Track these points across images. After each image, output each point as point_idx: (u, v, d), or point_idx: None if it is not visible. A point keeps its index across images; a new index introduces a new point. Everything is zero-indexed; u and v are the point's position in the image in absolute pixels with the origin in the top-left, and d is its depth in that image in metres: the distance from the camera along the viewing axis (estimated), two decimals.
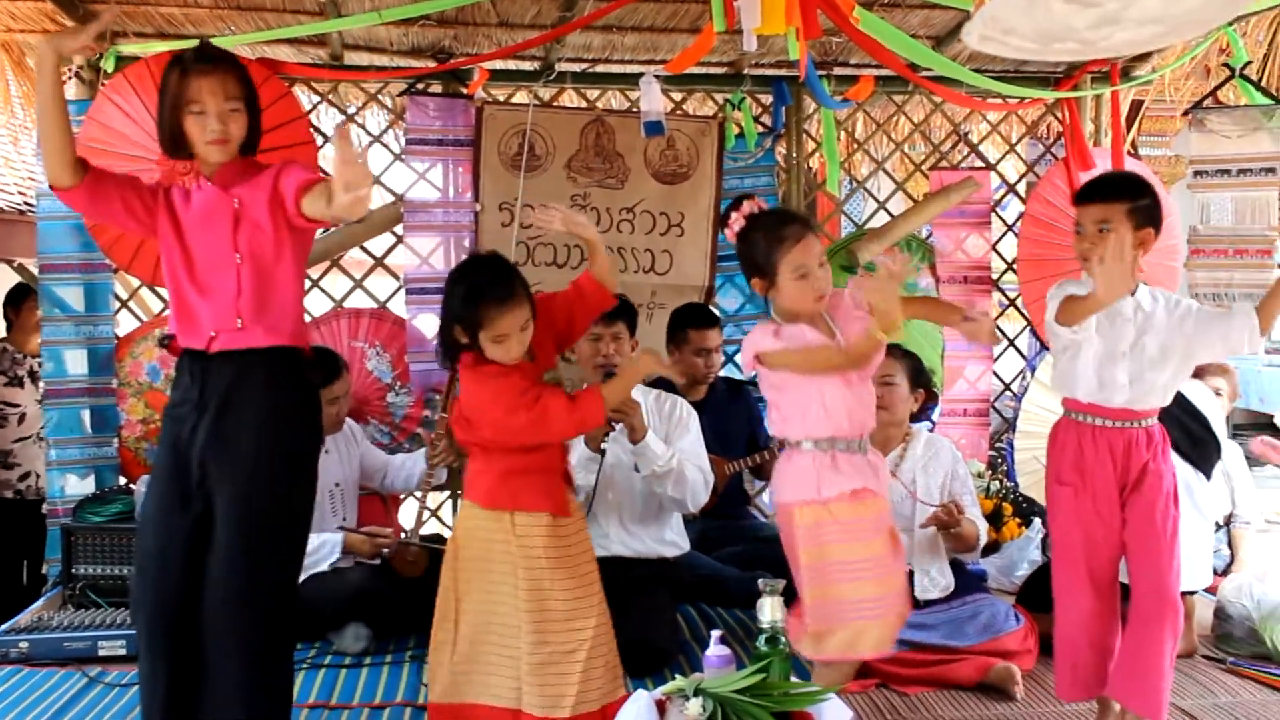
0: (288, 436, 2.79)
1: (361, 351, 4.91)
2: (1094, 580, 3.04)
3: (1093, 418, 3.02)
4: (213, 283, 2.73)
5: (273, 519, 2.75)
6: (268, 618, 2.75)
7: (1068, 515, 3.07)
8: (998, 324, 5.65)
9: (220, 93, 2.67)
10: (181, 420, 2.74)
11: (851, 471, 2.90)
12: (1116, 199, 2.94)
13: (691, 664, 3.67)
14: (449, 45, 5.02)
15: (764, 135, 5.37)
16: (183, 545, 2.72)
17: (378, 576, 4.05)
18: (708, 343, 4.61)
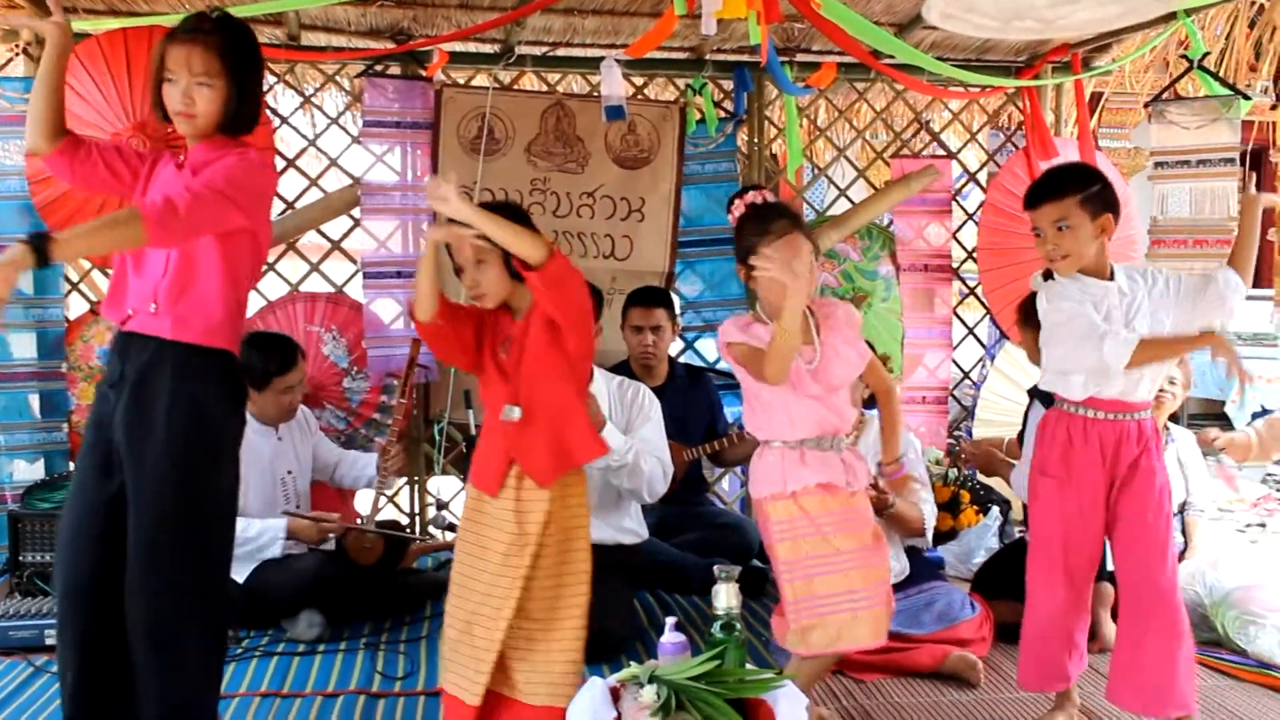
0: (197, 431, 2.66)
1: (318, 336, 4.85)
2: (1069, 575, 3.02)
3: (1085, 409, 2.98)
4: (147, 261, 2.67)
5: (178, 509, 2.63)
6: (174, 608, 2.64)
7: (1049, 508, 3.04)
8: (957, 313, 5.67)
9: (188, 66, 2.58)
10: (105, 397, 2.67)
11: (819, 466, 2.89)
12: (1066, 194, 2.93)
13: (649, 651, 3.65)
14: (408, 26, 4.96)
15: (725, 121, 5.34)
16: (99, 525, 2.65)
17: (332, 563, 4.01)
18: (645, 320, 4.58)
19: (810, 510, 2.88)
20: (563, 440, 2.87)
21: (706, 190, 5.34)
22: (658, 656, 2.57)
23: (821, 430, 2.91)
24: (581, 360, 2.93)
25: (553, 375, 2.86)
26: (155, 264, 2.65)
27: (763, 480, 2.94)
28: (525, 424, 2.85)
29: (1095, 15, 2.55)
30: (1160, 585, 2.93)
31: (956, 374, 5.73)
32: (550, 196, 5.02)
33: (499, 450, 2.88)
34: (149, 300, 2.63)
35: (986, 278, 5.49)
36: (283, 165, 5.06)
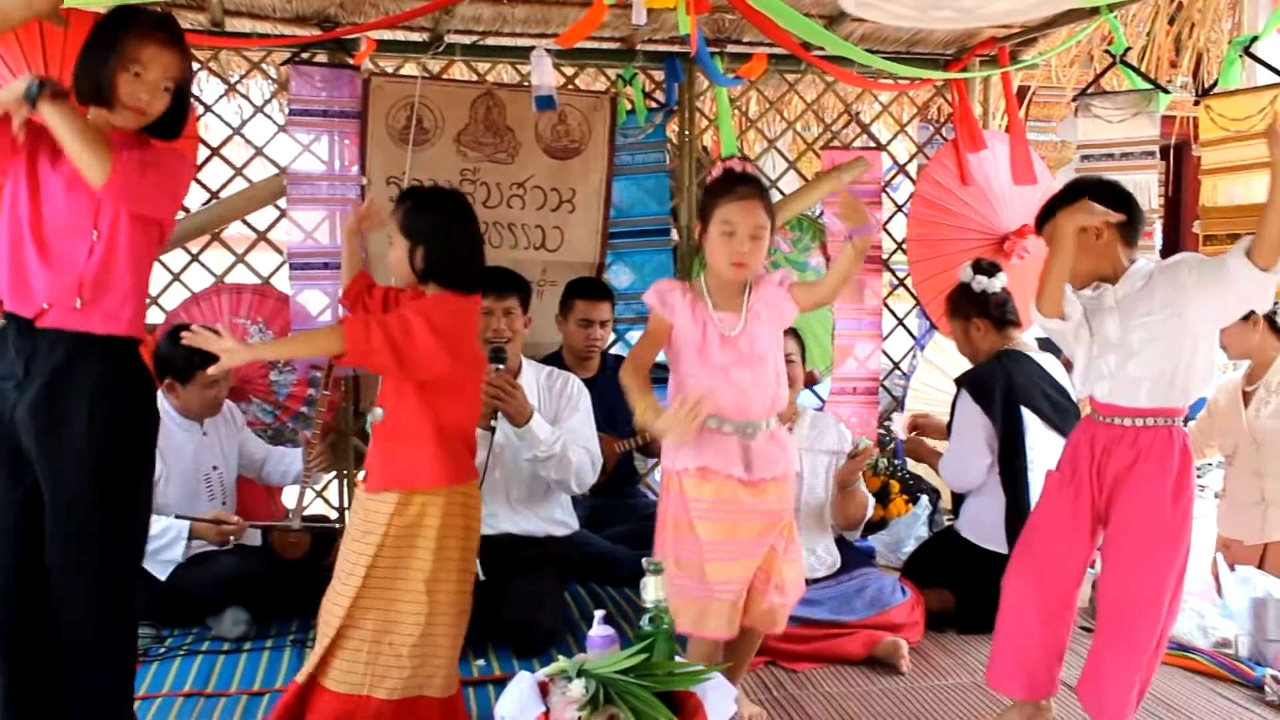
0: (117, 426, 2.61)
1: (244, 329, 4.76)
2: (1040, 570, 2.97)
3: (1096, 414, 2.96)
4: (59, 252, 2.59)
5: (100, 505, 2.59)
6: (97, 605, 2.61)
7: (1044, 501, 3.04)
8: (887, 304, 5.71)
9: (162, 66, 2.60)
10: (4, 395, 2.59)
11: (711, 449, 2.85)
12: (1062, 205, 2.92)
13: (579, 644, 3.63)
14: (334, 13, 4.87)
15: (655, 111, 5.33)
16: (13, 527, 2.59)
17: (258, 559, 3.95)
18: (593, 314, 4.57)
19: (686, 492, 2.87)
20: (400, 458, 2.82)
21: (637, 181, 5.32)
22: (587, 650, 2.56)
23: (738, 409, 2.86)
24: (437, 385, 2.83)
25: (410, 392, 2.82)
26: (72, 255, 2.59)
27: (664, 455, 2.97)
28: (381, 427, 2.85)
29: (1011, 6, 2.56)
30: (1137, 598, 2.85)
31: (886, 365, 5.77)
32: (480, 187, 4.97)
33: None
34: (71, 294, 2.57)
35: (916, 269, 5.55)
36: (207, 154, 4.98)
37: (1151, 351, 2.84)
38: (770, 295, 2.91)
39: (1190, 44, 6.44)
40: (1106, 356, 2.91)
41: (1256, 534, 4.14)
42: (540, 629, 3.63)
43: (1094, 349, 2.93)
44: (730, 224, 2.83)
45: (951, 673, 3.55)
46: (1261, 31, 4.16)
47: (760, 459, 2.89)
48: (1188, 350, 2.84)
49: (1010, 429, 3.85)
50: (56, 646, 2.61)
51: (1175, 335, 2.83)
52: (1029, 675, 3.00)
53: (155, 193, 2.63)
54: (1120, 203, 2.92)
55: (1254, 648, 3.59)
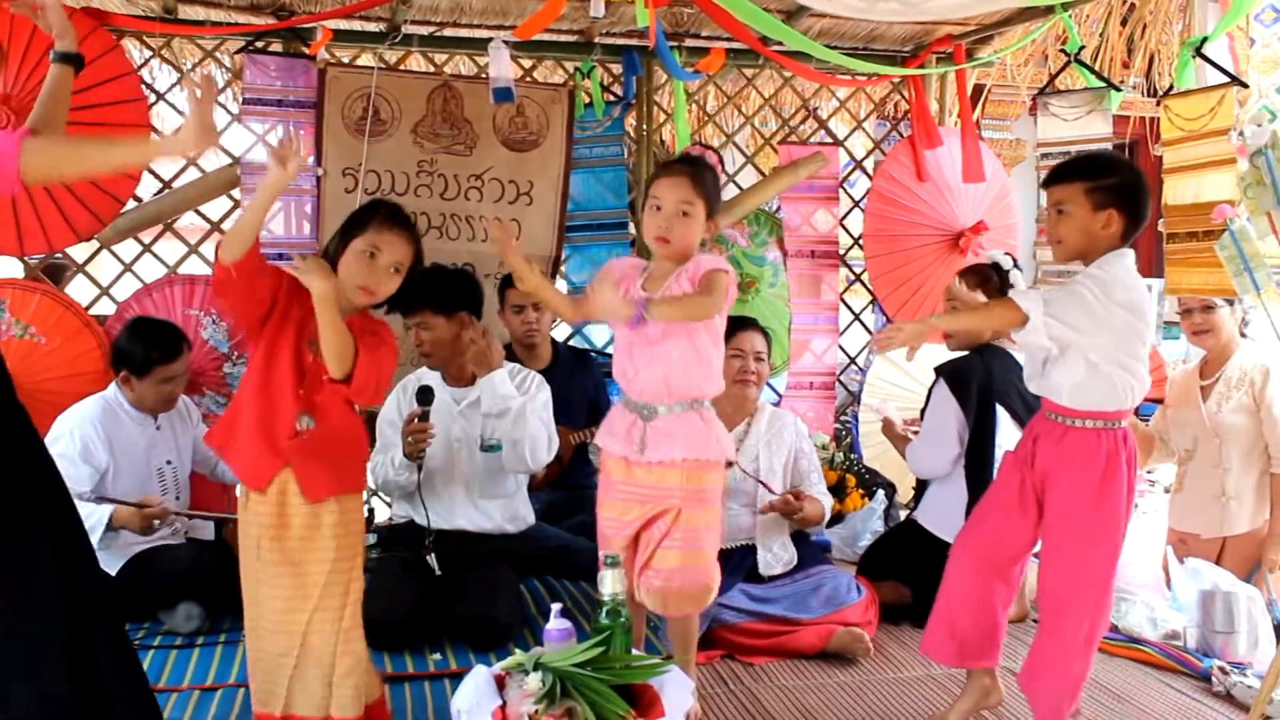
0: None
1: (197, 320, 4.71)
2: (981, 553, 2.98)
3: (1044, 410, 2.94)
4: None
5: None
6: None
7: (998, 479, 3.05)
8: (843, 299, 5.74)
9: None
10: None
11: (620, 433, 2.94)
12: (1073, 179, 2.85)
13: (536, 638, 3.62)
14: (290, 2, 4.83)
15: (612, 104, 5.32)
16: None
17: (211, 553, 3.90)
18: (520, 299, 4.54)
19: (610, 474, 2.99)
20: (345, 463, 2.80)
21: (595, 174, 5.32)
22: (544, 643, 2.56)
23: (643, 392, 2.90)
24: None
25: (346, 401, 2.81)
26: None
27: (603, 436, 3.04)
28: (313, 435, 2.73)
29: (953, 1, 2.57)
30: (1064, 586, 2.86)
31: (843, 359, 5.80)
32: (438, 179, 4.95)
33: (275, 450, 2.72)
34: None
35: (873, 264, 5.57)
36: None
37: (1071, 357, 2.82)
38: (688, 274, 2.88)
39: (1142, 45, 6.52)
40: (1039, 360, 2.91)
41: (1215, 528, 4.18)
42: (496, 623, 3.61)
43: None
44: (657, 198, 2.89)
45: (907, 665, 3.57)
46: (1212, 33, 4.22)
47: (655, 441, 2.89)
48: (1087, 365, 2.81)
49: (981, 423, 3.86)
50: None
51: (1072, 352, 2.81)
52: (959, 643, 3.02)
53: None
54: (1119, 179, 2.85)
55: (1202, 639, 3.64)
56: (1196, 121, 4.19)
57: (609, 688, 2.34)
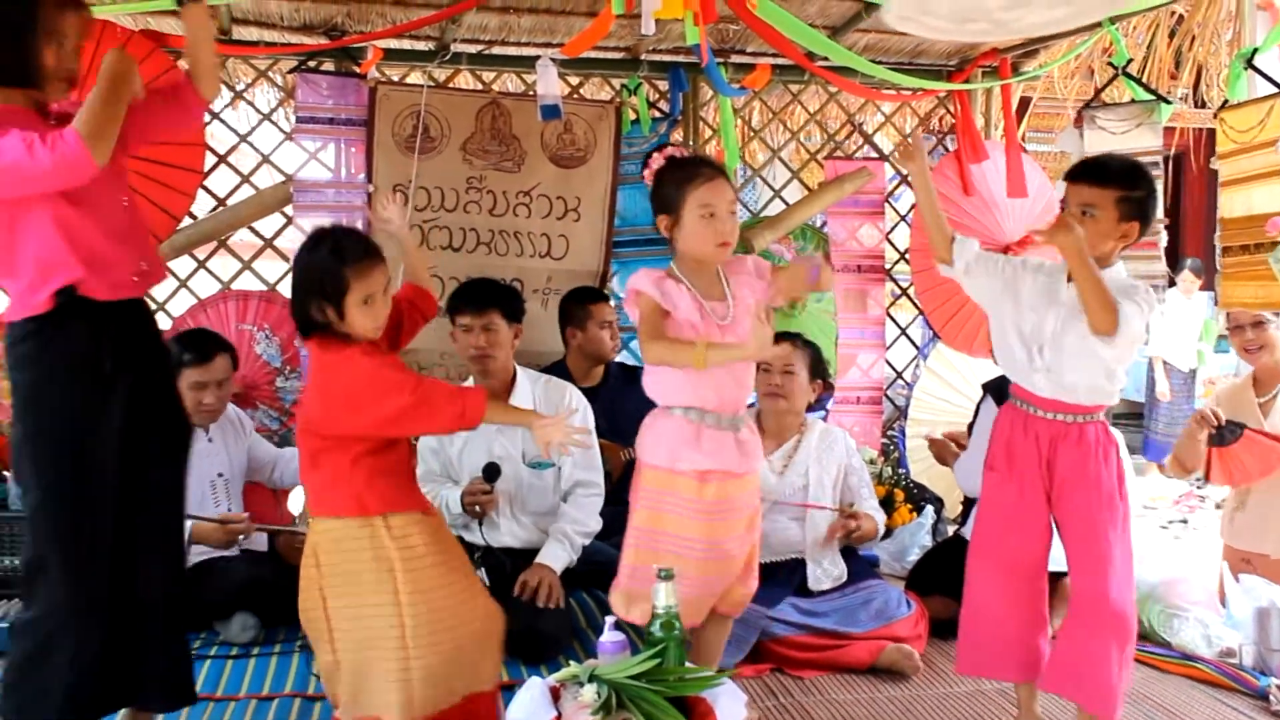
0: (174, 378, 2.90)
1: (250, 335, 4.78)
2: (1006, 568, 2.96)
3: (1025, 404, 2.94)
4: (121, 226, 2.66)
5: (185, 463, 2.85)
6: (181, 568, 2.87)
7: (990, 500, 3.02)
8: (890, 313, 5.74)
9: (84, 31, 2.64)
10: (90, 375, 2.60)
11: (713, 449, 2.81)
12: (1108, 184, 2.83)
13: (587, 651, 3.65)
14: (342, 22, 4.91)
15: (659, 121, 5.36)
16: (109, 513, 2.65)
17: (265, 565, 3.95)
18: (608, 314, 4.61)
19: (684, 493, 2.81)
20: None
21: (641, 190, 5.32)
22: (597, 656, 2.57)
23: (721, 402, 2.82)
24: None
25: None
26: (127, 225, 2.69)
27: (651, 446, 2.87)
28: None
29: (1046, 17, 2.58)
30: (1102, 589, 2.86)
31: (890, 374, 5.79)
32: (486, 195, 5.00)
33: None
34: (139, 261, 2.68)
35: (919, 279, 5.57)
36: (214, 161, 5.00)
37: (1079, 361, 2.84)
38: (750, 282, 2.88)
39: (1191, 56, 6.48)
40: (1039, 348, 2.89)
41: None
42: (544, 636, 3.63)
43: (1023, 330, 2.91)
44: (709, 205, 2.78)
45: (957, 680, 3.55)
46: (1262, 44, 4.19)
47: (747, 452, 2.89)
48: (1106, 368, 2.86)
49: None
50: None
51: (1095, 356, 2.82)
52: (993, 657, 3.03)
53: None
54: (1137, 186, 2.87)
55: (1258, 657, 3.60)
56: (1248, 134, 4.17)
57: (664, 699, 2.35)
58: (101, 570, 2.65)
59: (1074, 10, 2.60)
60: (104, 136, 2.45)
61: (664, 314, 2.78)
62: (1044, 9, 2.52)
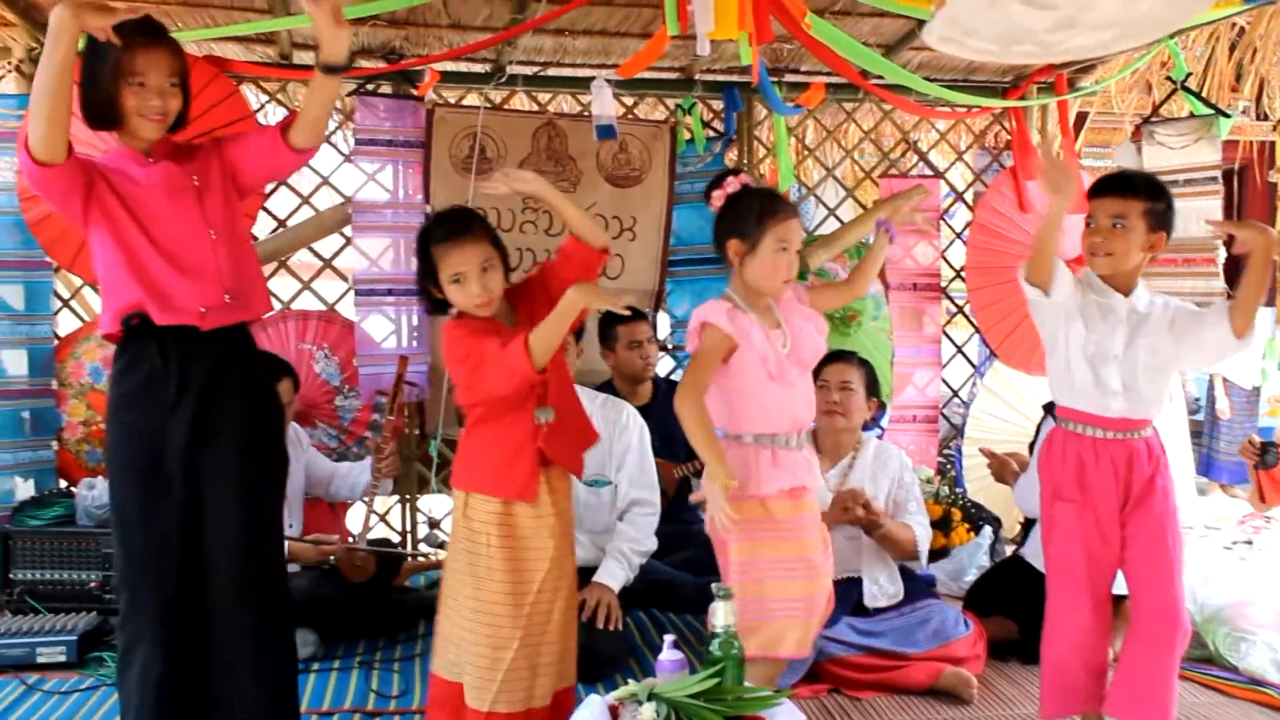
0: (273, 408, 2.87)
1: (310, 354, 4.85)
2: (1094, 599, 2.94)
3: (1092, 429, 2.92)
4: (191, 261, 2.70)
5: (270, 492, 2.83)
6: (276, 593, 2.82)
7: (1070, 533, 2.95)
8: (945, 331, 5.71)
9: (165, 68, 2.64)
10: (153, 404, 2.67)
11: (791, 467, 2.86)
12: (1135, 195, 2.86)
13: (644, 669, 3.66)
14: (399, 46, 4.98)
15: (714, 140, 5.37)
16: (179, 536, 2.70)
17: (325, 581, 3.99)
18: (637, 334, 4.60)
19: (776, 515, 2.85)
20: (581, 427, 2.97)
21: (696, 209, 5.35)
22: (655, 675, 2.58)
23: (792, 424, 2.88)
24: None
25: (563, 367, 2.91)
26: (203, 260, 2.71)
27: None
28: (556, 422, 2.84)
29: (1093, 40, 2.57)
30: (1174, 603, 2.87)
31: (946, 392, 5.76)
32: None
33: (529, 455, 2.81)
34: (220, 293, 2.71)
35: (975, 296, 5.54)
36: (274, 184, 5.07)
37: (1152, 374, 2.90)
38: (798, 306, 2.95)
39: (1252, 69, 6.40)
40: (1108, 369, 2.88)
41: None
42: (600, 654, 3.64)
43: (1088, 352, 2.90)
44: (786, 241, 2.84)
45: (1016, 702, 3.52)
46: None
47: (813, 470, 2.95)
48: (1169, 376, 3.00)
49: None
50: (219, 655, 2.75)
51: (1168, 365, 2.93)
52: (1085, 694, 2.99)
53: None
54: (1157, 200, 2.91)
55: None
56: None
57: (722, 719, 2.35)
58: (163, 597, 2.70)
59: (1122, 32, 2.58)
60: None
61: (728, 351, 2.81)
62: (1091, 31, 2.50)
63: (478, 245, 2.74)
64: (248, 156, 2.78)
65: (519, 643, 2.77)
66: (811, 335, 2.93)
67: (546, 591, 2.83)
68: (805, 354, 2.91)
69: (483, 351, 2.72)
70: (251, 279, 2.81)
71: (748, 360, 2.82)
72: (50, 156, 2.54)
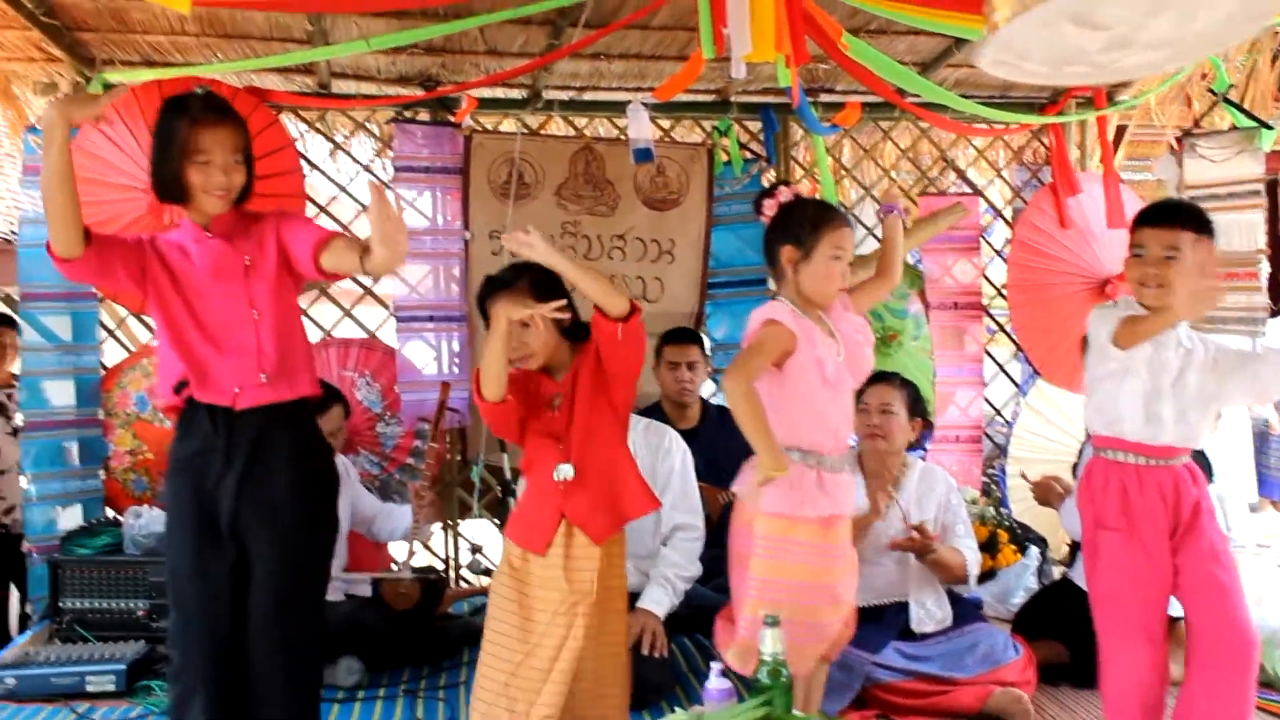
0: (316, 483, 2.83)
1: (351, 381, 4.87)
2: (1147, 632, 2.86)
3: (1138, 457, 2.87)
4: (232, 340, 2.74)
5: (308, 563, 2.81)
6: (307, 657, 2.82)
7: (1117, 564, 2.88)
8: (987, 350, 5.66)
9: (228, 145, 2.69)
10: (204, 470, 2.73)
11: (835, 493, 2.83)
12: (1185, 226, 2.83)
13: (689, 697, 3.63)
14: (437, 73, 5.01)
15: (750, 162, 5.37)
16: (226, 594, 2.74)
17: (369, 609, 4.00)
18: (678, 356, 4.57)
19: (807, 539, 2.79)
20: (616, 495, 2.90)
21: (734, 231, 5.35)
22: (701, 702, 2.55)
23: (835, 441, 2.85)
24: (626, 411, 2.97)
25: (603, 430, 2.89)
26: (243, 340, 2.73)
27: (769, 495, 2.79)
28: (579, 482, 2.86)
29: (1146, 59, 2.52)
30: (1243, 624, 2.81)
31: (988, 412, 5.70)
32: (581, 240, 5.05)
33: (549, 509, 2.88)
34: (255, 374, 2.72)
35: (1017, 314, 5.48)
36: (314, 211, 5.11)
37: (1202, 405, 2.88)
38: (849, 317, 2.93)
39: None
40: (1161, 401, 2.84)
41: None
42: (646, 682, 3.61)
43: (1144, 385, 2.85)
44: (840, 249, 2.85)
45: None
46: None
47: (852, 494, 2.93)
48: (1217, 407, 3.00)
49: None
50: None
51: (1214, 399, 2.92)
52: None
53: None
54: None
55: None
56: None
57: None
58: (214, 649, 2.74)
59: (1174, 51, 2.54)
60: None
61: (784, 353, 2.78)
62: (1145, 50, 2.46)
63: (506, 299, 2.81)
64: (296, 250, 2.75)
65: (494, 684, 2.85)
66: (863, 348, 2.92)
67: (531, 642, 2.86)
68: (858, 364, 2.90)
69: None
70: (296, 360, 2.80)
71: (805, 364, 2.79)
72: (66, 253, 2.63)
